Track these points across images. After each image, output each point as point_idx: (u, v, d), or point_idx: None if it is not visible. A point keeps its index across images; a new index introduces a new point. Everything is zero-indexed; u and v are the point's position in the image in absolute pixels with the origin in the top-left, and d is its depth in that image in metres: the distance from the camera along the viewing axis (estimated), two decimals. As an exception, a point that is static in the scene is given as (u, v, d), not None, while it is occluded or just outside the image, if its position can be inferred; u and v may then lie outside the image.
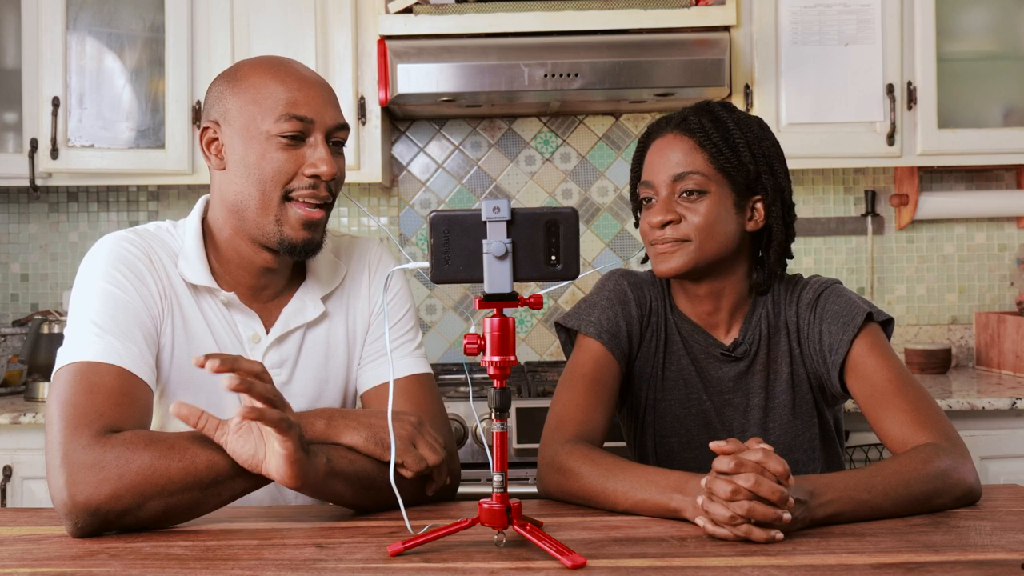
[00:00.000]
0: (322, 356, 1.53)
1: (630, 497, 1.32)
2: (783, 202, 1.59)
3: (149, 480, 1.23)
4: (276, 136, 1.40)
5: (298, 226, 1.42)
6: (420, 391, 1.52)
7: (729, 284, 1.60)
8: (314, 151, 1.41)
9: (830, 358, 1.55)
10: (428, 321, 3.10)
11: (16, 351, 2.82)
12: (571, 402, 1.53)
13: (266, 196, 1.41)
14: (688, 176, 1.54)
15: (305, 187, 1.41)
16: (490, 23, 2.63)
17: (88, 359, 1.32)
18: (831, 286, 1.61)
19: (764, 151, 1.57)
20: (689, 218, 1.54)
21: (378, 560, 1.14)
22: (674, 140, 1.57)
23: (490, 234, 1.11)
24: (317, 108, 1.42)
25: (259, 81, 1.42)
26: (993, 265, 3.11)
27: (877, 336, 1.55)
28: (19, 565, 1.15)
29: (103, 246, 1.44)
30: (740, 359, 1.61)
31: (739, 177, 1.55)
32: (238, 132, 1.42)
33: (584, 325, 1.61)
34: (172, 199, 3.08)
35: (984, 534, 1.21)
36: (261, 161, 1.41)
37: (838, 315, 1.55)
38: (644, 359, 1.63)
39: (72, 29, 2.69)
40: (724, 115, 1.57)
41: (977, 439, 2.45)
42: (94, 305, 1.38)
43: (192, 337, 1.45)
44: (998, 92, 2.82)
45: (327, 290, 1.54)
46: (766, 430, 1.60)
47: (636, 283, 1.65)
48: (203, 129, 1.46)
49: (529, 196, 3.09)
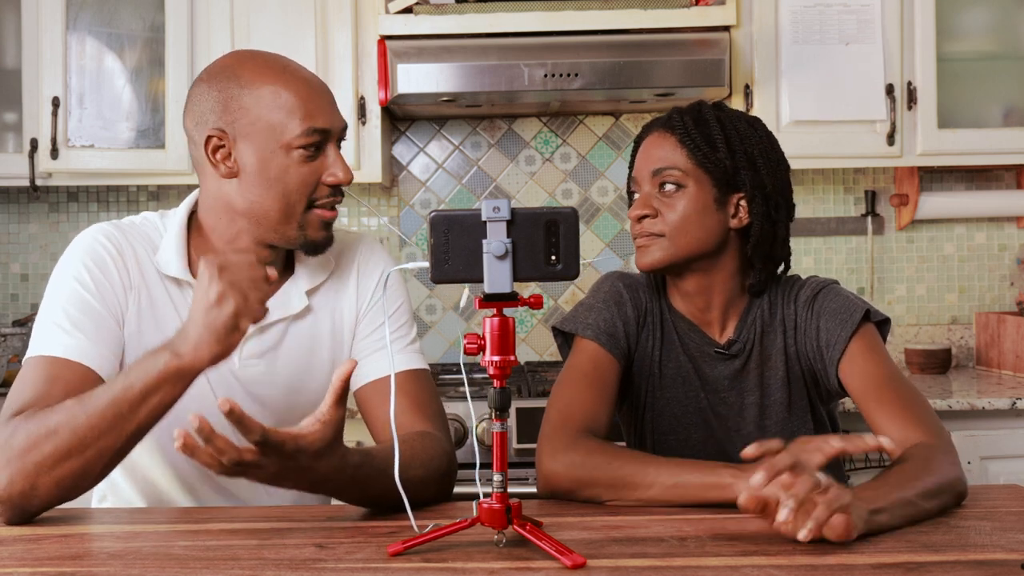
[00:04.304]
0: (305, 350, 1.53)
1: (665, 481, 1.34)
2: (765, 199, 1.58)
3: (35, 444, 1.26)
4: (298, 149, 1.42)
5: (319, 227, 1.46)
6: (416, 387, 1.52)
7: (717, 281, 1.60)
8: (331, 159, 1.44)
9: (827, 354, 1.55)
10: (428, 321, 3.10)
11: (16, 351, 2.82)
12: (573, 399, 1.53)
13: (291, 207, 1.44)
14: (666, 171, 1.57)
15: (327, 196, 1.45)
16: (490, 23, 2.63)
17: (46, 354, 1.37)
18: (829, 285, 1.62)
19: (746, 148, 1.58)
20: (665, 213, 1.56)
21: (378, 560, 1.14)
22: (658, 138, 1.60)
23: (490, 234, 1.11)
24: (330, 116, 1.45)
25: (271, 89, 1.42)
26: (993, 265, 3.11)
27: (873, 335, 1.56)
28: (19, 565, 1.15)
29: (77, 241, 1.48)
30: (735, 357, 1.61)
31: (717, 172, 1.56)
32: (253, 143, 1.42)
33: (581, 328, 1.61)
34: (172, 199, 3.08)
35: (984, 534, 1.21)
36: (284, 175, 1.42)
37: (836, 312, 1.56)
38: (641, 358, 1.64)
39: (72, 29, 2.69)
40: (709, 113, 1.59)
41: (977, 439, 2.45)
42: (59, 302, 1.42)
43: (164, 328, 1.44)
44: (998, 92, 2.82)
45: (313, 283, 1.54)
46: (762, 427, 1.60)
47: (631, 284, 1.66)
48: (207, 138, 1.44)
49: (529, 196, 3.09)
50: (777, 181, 1.59)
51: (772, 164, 1.60)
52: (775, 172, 1.60)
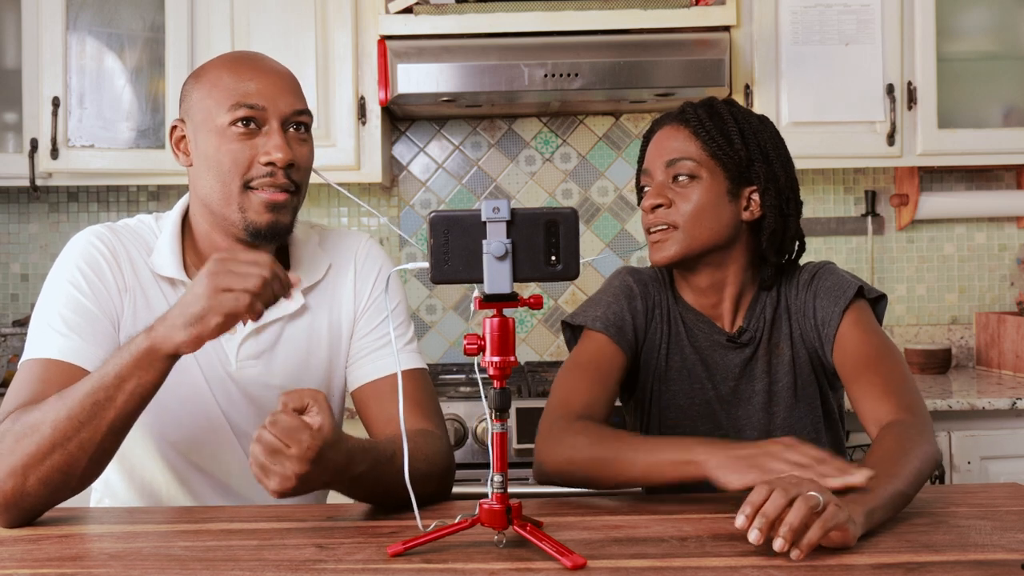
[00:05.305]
0: (302, 349, 1.53)
1: (643, 460, 1.34)
2: (778, 191, 1.60)
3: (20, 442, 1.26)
4: (229, 126, 1.42)
5: (261, 210, 1.43)
6: (415, 387, 1.52)
7: (730, 275, 1.62)
8: (268, 139, 1.43)
9: (823, 332, 1.57)
10: (428, 321, 3.10)
11: (16, 351, 2.82)
12: (575, 387, 1.54)
13: (227, 187, 1.43)
14: (680, 162, 1.58)
15: (263, 175, 1.43)
16: (490, 23, 2.63)
17: (40, 356, 1.37)
18: (825, 265, 1.65)
19: (760, 141, 1.60)
20: (679, 204, 1.57)
21: (378, 561, 1.14)
22: (671, 130, 1.62)
23: (490, 234, 1.11)
24: (270, 96, 1.44)
25: (216, 75, 1.45)
26: (993, 265, 3.11)
27: (864, 312, 1.57)
28: (19, 565, 1.15)
29: (71, 244, 1.48)
30: (745, 346, 1.63)
31: (731, 164, 1.58)
32: (198, 127, 1.45)
33: (590, 320, 1.62)
34: (172, 199, 3.08)
35: (984, 534, 1.21)
36: (218, 153, 1.43)
37: (830, 290, 1.58)
38: (649, 351, 1.65)
39: (72, 29, 2.69)
40: (722, 107, 1.62)
41: (977, 439, 2.45)
42: (54, 305, 1.42)
43: None
44: (998, 92, 2.82)
45: (310, 282, 1.54)
46: (770, 414, 1.61)
47: (641, 279, 1.67)
48: (171, 128, 1.50)
49: (529, 196, 3.09)
50: (788, 176, 1.62)
51: (783, 159, 1.63)
52: (786, 167, 1.63)
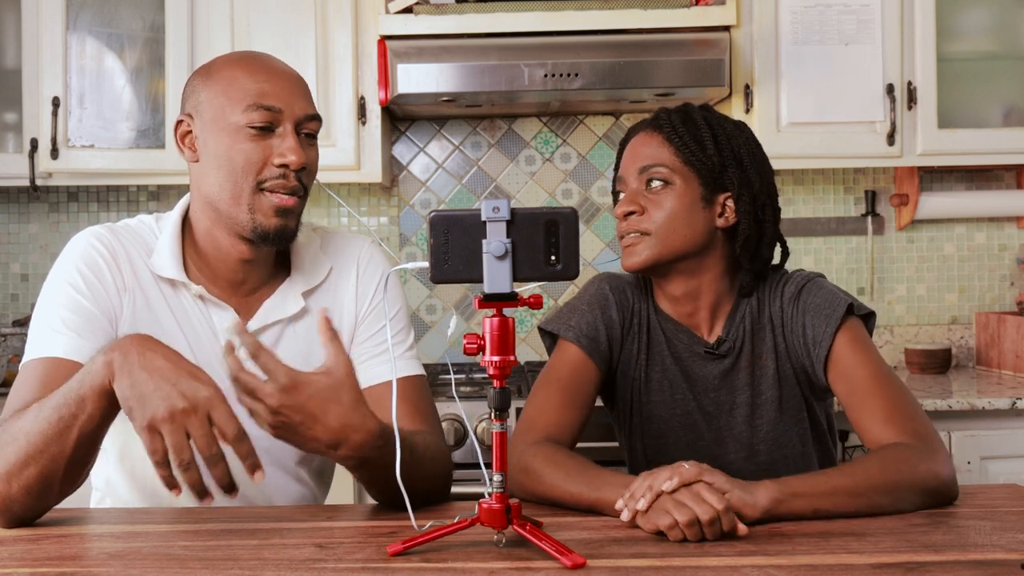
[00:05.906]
0: (303, 352, 1.51)
1: (587, 497, 1.34)
2: (753, 198, 1.58)
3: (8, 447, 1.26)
4: (245, 127, 1.42)
5: (271, 213, 1.43)
6: (414, 393, 1.52)
7: (705, 283, 1.60)
8: (283, 141, 1.43)
9: (814, 352, 1.55)
10: (428, 321, 3.10)
11: (16, 351, 2.82)
12: (543, 404, 1.54)
13: (238, 187, 1.43)
14: (653, 168, 1.57)
15: (275, 177, 1.43)
16: (490, 23, 2.63)
17: (41, 356, 1.38)
18: (813, 279, 1.61)
19: (734, 147, 1.58)
20: (652, 211, 1.56)
21: (378, 560, 1.14)
22: (645, 137, 1.61)
23: (490, 234, 1.11)
24: (285, 98, 1.44)
25: (229, 74, 1.45)
26: (993, 265, 3.11)
27: (858, 330, 1.55)
28: (19, 565, 1.15)
29: (70, 245, 1.48)
30: (724, 356, 1.61)
31: (704, 170, 1.57)
32: (209, 124, 1.45)
33: (563, 329, 1.61)
34: (172, 199, 3.07)
35: (984, 534, 1.21)
36: (231, 152, 1.43)
37: (820, 308, 1.56)
38: (627, 362, 1.64)
39: (72, 29, 2.69)
40: (696, 113, 1.60)
41: (977, 439, 2.45)
42: (53, 305, 1.43)
43: (159, 330, 1.44)
44: (998, 92, 2.82)
45: (310, 285, 1.54)
46: (753, 427, 1.60)
47: (618, 286, 1.65)
48: (177, 122, 1.49)
49: (529, 196, 3.09)
50: (763, 182, 1.60)
51: (758, 165, 1.60)
52: (761, 173, 1.60)
